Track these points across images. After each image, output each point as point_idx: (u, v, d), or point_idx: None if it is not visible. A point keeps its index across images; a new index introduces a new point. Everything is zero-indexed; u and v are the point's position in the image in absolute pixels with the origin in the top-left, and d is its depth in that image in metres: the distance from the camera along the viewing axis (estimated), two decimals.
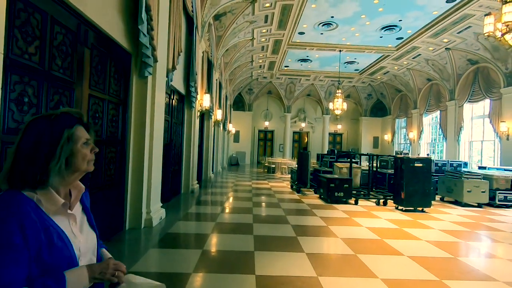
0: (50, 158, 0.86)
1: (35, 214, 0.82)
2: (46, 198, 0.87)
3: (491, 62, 11.44)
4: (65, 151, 0.88)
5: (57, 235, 0.86)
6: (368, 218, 5.50)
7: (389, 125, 20.71)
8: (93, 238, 1.03)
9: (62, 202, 0.89)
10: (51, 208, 0.87)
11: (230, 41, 11.23)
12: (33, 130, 0.88)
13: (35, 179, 0.85)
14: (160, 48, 4.45)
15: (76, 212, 0.98)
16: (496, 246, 4.20)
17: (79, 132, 0.93)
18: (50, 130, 0.88)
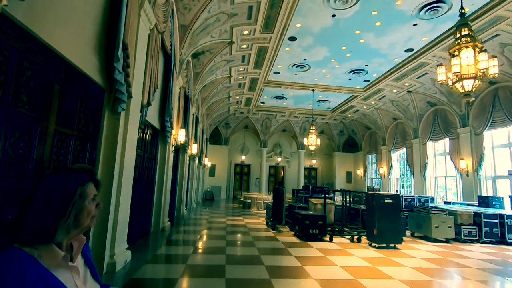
0: (61, 215, 0.87)
1: (35, 272, 0.80)
2: (47, 253, 0.85)
3: (447, 104, 12.59)
4: (76, 208, 0.89)
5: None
6: (342, 257, 5.45)
7: (361, 161, 21.53)
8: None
9: (62, 255, 0.87)
10: (51, 262, 0.85)
11: (207, 78, 11.55)
12: (48, 184, 0.89)
13: (42, 233, 0.84)
14: (136, 85, 4.47)
15: (79, 264, 0.97)
16: (465, 283, 4.28)
17: (89, 189, 0.95)
18: (65, 186, 0.89)
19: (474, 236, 7.52)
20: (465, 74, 5.21)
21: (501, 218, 7.65)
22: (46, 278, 0.81)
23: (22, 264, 0.79)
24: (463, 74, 5.24)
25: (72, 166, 0.97)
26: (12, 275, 0.76)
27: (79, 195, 0.90)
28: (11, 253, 0.80)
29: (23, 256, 0.81)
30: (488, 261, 5.66)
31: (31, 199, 0.86)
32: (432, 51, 9.63)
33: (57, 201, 0.87)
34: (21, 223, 0.84)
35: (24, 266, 0.79)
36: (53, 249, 0.86)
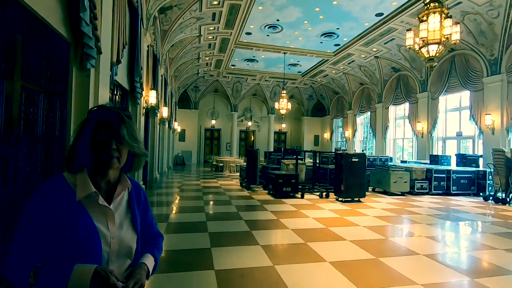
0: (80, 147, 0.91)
1: (62, 196, 0.87)
2: (79, 182, 0.90)
3: (410, 70, 13.29)
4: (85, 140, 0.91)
5: (84, 223, 0.86)
6: (314, 210, 5.95)
7: (328, 124, 22.43)
8: (131, 239, 0.98)
9: (93, 191, 0.90)
10: (80, 193, 0.89)
11: (176, 36, 10.86)
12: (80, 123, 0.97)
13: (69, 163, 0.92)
14: (104, 39, 4.14)
15: (118, 209, 0.97)
16: (416, 226, 4.97)
17: (101, 124, 0.93)
18: (85, 122, 0.94)
19: (425, 189, 8.52)
20: (431, 39, 5.51)
21: (447, 173, 8.70)
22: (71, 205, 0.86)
23: (50, 186, 0.89)
24: (429, 39, 5.53)
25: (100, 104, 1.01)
26: (39, 192, 0.88)
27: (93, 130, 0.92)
28: (55, 177, 0.92)
29: (58, 180, 0.91)
30: (435, 208, 6.53)
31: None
32: (400, 16, 9.86)
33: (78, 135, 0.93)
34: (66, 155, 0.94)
35: (50, 188, 0.88)
36: (85, 180, 0.90)
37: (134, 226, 1.00)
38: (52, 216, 0.84)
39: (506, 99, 9.35)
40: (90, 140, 0.91)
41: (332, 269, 3.00)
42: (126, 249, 0.95)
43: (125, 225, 0.97)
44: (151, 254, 1.05)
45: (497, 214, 6.18)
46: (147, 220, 1.11)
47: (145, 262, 1.00)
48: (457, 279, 2.87)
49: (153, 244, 1.11)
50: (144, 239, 1.07)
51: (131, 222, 1.00)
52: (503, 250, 3.77)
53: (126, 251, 0.95)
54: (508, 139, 9.32)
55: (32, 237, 0.83)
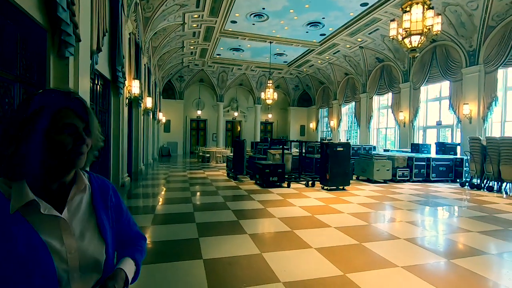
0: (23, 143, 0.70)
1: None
2: (14, 191, 0.71)
3: (393, 61, 13.52)
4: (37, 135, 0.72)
5: (24, 239, 0.68)
6: (300, 199, 6.06)
7: (314, 114, 22.64)
8: (96, 249, 0.81)
9: (30, 199, 0.71)
10: (14, 204, 0.70)
11: (159, 24, 10.54)
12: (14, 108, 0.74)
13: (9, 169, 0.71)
14: (83, 26, 3.97)
15: (76, 214, 0.80)
16: (397, 212, 5.17)
17: (62, 114, 0.75)
18: (38, 111, 0.72)
19: (406, 176, 8.83)
20: (414, 30, 5.61)
21: (427, 161, 9.04)
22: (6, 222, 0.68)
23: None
24: (411, 30, 5.63)
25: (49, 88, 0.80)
26: None
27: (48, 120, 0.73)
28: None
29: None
30: (415, 195, 6.80)
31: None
32: (385, 6, 9.95)
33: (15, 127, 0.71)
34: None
35: None
36: (21, 188, 0.72)
37: (100, 233, 0.83)
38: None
39: (483, 89, 9.71)
40: (45, 134, 0.72)
41: (317, 255, 3.10)
42: (91, 263, 0.79)
43: (87, 234, 0.80)
44: (130, 257, 0.91)
45: (472, 199, 6.51)
46: (123, 221, 0.96)
47: (122, 268, 0.85)
48: (434, 261, 3.03)
49: (133, 246, 0.96)
50: (122, 243, 0.94)
51: (97, 229, 0.83)
52: (477, 233, 4.00)
53: (91, 265, 0.79)
54: (484, 127, 9.74)
55: None
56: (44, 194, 0.75)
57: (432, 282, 2.53)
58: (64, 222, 0.76)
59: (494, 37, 9.29)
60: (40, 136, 0.72)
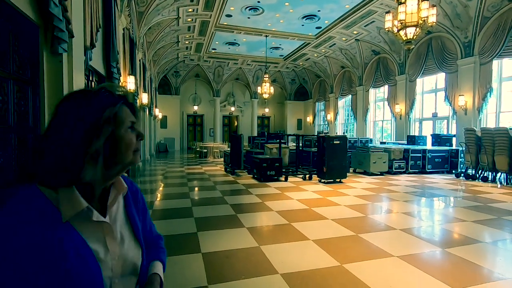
0: (87, 147, 0.66)
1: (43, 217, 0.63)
2: (65, 199, 0.66)
3: (389, 53, 13.51)
4: (105, 136, 0.68)
5: (75, 251, 0.63)
6: (297, 192, 6.10)
7: (311, 108, 22.65)
8: (135, 254, 0.79)
9: (84, 206, 0.67)
10: (67, 212, 0.65)
11: (153, 19, 10.42)
12: (65, 109, 0.68)
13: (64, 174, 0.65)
14: (76, 21, 3.92)
15: (116, 219, 0.77)
16: (393, 203, 5.23)
17: (124, 113, 0.73)
18: (86, 109, 0.68)
19: (403, 168, 8.91)
20: (409, 22, 5.60)
21: (423, 153, 9.12)
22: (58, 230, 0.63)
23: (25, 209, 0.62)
24: (407, 21, 5.62)
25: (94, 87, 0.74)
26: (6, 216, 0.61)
27: (108, 120, 0.69)
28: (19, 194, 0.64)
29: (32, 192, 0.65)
30: (411, 186, 6.88)
31: (47, 130, 0.68)
32: None
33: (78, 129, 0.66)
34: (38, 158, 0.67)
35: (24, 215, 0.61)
36: (73, 195, 0.66)
37: (136, 237, 0.81)
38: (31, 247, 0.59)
39: (478, 80, 9.76)
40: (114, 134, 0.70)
41: (315, 246, 3.14)
42: (130, 268, 0.77)
43: (126, 238, 0.78)
44: (159, 260, 0.92)
45: (467, 189, 6.59)
46: (147, 223, 0.94)
47: (157, 272, 0.86)
48: (429, 250, 3.09)
49: (156, 247, 0.96)
50: (146, 244, 0.89)
51: (132, 233, 0.81)
52: (472, 222, 4.07)
53: (130, 270, 0.77)
54: (479, 118, 9.81)
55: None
56: (89, 199, 0.70)
57: (427, 270, 2.58)
58: (108, 228, 0.73)
59: (489, 28, 9.30)
60: (112, 136, 0.70)
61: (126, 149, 0.72)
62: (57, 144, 0.65)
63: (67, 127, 0.66)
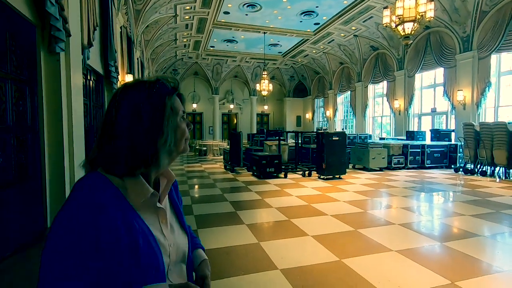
0: (157, 134, 0.68)
1: (117, 207, 0.63)
2: (133, 186, 0.67)
3: (387, 49, 13.48)
4: (171, 124, 0.71)
5: (144, 236, 0.65)
6: (296, 188, 6.12)
7: (310, 105, 22.63)
8: (184, 241, 0.81)
9: (151, 192, 0.69)
10: (136, 199, 0.67)
11: (150, 17, 10.38)
12: (128, 98, 0.69)
13: (141, 162, 0.67)
14: (73, 20, 3.91)
15: (165, 206, 0.79)
16: (392, 199, 5.25)
17: (177, 103, 0.75)
18: (149, 98, 0.69)
19: (402, 164, 8.93)
20: (407, 17, 5.59)
21: (422, 148, 9.13)
22: (130, 218, 0.64)
23: (101, 195, 0.62)
24: (404, 17, 5.61)
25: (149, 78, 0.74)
26: (87, 207, 0.60)
27: (170, 109, 0.71)
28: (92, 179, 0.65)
29: (106, 184, 0.65)
30: (410, 181, 6.90)
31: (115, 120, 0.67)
32: None
33: (147, 117, 0.67)
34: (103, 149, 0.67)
35: (102, 199, 0.62)
36: (141, 183, 0.68)
37: (182, 225, 0.83)
38: (111, 230, 0.60)
39: (476, 75, 9.75)
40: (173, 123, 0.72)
41: (314, 242, 3.16)
42: (181, 255, 0.78)
43: (175, 226, 0.79)
44: (201, 248, 0.95)
45: (466, 184, 6.62)
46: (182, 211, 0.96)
47: (206, 258, 0.91)
48: (428, 244, 3.11)
49: (193, 236, 0.95)
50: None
51: (179, 221, 0.83)
52: (470, 216, 4.09)
53: (181, 257, 0.78)
54: (478, 113, 9.82)
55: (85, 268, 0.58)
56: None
57: (426, 264, 2.61)
58: (163, 215, 0.74)
59: (487, 23, 9.28)
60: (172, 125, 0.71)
61: (181, 137, 0.75)
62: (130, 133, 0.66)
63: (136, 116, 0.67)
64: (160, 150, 0.69)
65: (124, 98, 0.69)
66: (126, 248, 0.61)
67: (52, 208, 3.71)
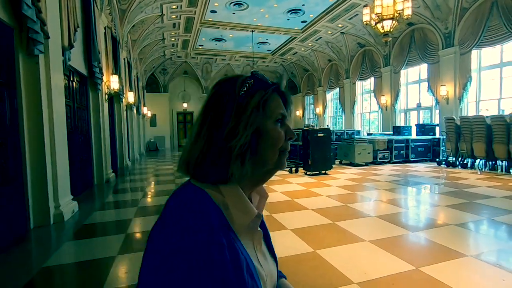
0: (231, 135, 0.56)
1: (222, 228, 0.53)
2: (235, 205, 0.56)
3: (373, 45, 13.68)
4: (253, 125, 0.58)
5: (248, 270, 0.53)
6: (282, 185, 6.24)
7: (300, 102, 22.79)
8: (274, 269, 0.69)
9: (255, 213, 0.58)
10: (240, 222, 0.56)
11: (136, 17, 10.34)
12: (217, 92, 0.62)
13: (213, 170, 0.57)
14: (51, 22, 3.93)
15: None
16: (374, 192, 5.41)
17: (274, 102, 0.62)
18: (235, 91, 0.59)
19: (387, 158, 9.13)
20: (385, 15, 5.72)
21: (406, 143, 9.35)
22: (235, 245, 0.53)
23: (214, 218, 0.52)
24: (383, 15, 5.75)
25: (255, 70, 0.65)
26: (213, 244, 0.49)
27: (258, 107, 0.58)
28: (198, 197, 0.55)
29: (203, 195, 0.56)
30: (394, 175, 7.08)
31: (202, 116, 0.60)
32: None
33: (226, 114, 0.57)
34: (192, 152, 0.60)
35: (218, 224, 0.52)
36: (244, 200, 0.57)
37: (271, 251, 0.72)
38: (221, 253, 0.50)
39: (458, 70, 10.00)
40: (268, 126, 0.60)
41: (292, 235, 3.28)
42: (272, 286, 0.66)
43: (265, 251, 0.68)
44: (283, 277, 0.83)
45: (447, 176, 6.83)
46: None
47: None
48: (400, 234, 3.25)
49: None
50: None
51: (266, 245, 0.71)
52: (444, 207, 4.26)
53: (273, 286, 0.67)
54: (461, 107, 10.08)
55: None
56: None
57: (395, 252, 2.74)
58: (258, 239, 0.63)
59: (468, 19, 9.52)
60: (254, 126, 0.58)
61: (272, 146, 0.60)
62: (210, 133, 0.58)
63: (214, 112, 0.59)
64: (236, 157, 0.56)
65: (213, 91, 0.63)
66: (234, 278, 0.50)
67: (34, 210, 3.74)
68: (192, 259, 0.47)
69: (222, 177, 0.56)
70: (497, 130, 6.88)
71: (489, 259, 2.58)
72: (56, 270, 2.62)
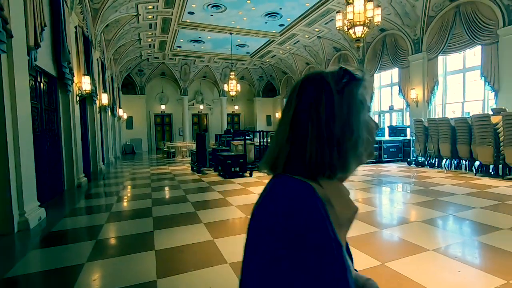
0: (345, 131, 0.56)
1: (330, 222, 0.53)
2: (336, 198, 0.56)
3: (348, 50, 14.14)
4: (363, 120, 0.58)
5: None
6: (259, 186, 6.29)
7: (279, 104, 23.06)
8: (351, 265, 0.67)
9: (357, 208, 0.59)
10: (342, 216, 0.56)
11: (109, 16, 10.05)
12: (315, 87, 0.58)
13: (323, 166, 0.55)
14: (15, 21, 3.75)
15: None
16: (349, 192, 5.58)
17: (365, 95, 0.61)
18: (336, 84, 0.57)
19: None
20: (357, 21, 5.96)
21: (379, 144, 9.73)
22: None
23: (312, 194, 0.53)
24: (355, 21, 5.97)
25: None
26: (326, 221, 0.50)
27: (360, 102, 0.58)
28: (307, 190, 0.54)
29: (310, 187, 0.54)
30: (367, 175, 7.35)
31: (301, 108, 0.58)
32: None
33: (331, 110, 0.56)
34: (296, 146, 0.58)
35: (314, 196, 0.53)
36: (345, 194, 0.59)
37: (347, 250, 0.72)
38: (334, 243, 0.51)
39: (426, 75, 10.56)
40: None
41: None
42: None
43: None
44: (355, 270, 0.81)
45: (416, 175, 7.18)
46: None
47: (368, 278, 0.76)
48: (368, 231, 3.39)
49: None
50: None
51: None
52: (411, 204, 4.49)
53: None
54: (429, 110, 10.64)
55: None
56: None
57: (362, 249, 2.85)
58: (345, 236, 0.62)
59: (434, 26, 10.09)
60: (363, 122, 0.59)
61: (372, 137, 0.62)
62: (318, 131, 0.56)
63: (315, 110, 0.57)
64: (349, 153, 0.56)
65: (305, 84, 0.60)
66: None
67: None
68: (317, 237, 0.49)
69: (322, 171, 0.56)
70: (461, 132, 7.33)
71: (448, 252, 2.76)
72: (19, 281, 2.50)
